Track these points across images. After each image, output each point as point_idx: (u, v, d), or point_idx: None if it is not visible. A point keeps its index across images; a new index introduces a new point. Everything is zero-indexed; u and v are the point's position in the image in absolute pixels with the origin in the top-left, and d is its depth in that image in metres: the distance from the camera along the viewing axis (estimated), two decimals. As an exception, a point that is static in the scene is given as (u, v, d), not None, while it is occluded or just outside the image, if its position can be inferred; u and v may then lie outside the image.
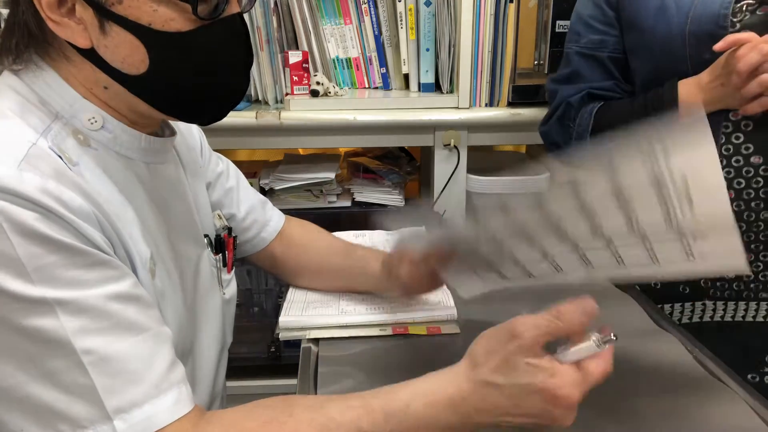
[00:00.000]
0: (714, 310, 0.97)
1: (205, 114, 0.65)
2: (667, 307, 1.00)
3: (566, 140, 1.04)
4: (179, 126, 0.77)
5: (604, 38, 0.99)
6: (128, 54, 0.57)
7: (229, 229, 0.85)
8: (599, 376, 0.53)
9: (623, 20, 0.96)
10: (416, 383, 0.57)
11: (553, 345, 0.55)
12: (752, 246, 0.91)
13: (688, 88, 0.88)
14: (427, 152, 1.57)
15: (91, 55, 0.57)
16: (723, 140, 0.88)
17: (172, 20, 0.56)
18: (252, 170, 1.54)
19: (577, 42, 1.02)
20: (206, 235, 0.78)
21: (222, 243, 0.82)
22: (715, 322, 0.97)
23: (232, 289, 0.84)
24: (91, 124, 0.59)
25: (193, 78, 0.60)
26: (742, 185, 0.88)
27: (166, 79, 0.59)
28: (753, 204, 0.89)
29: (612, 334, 0.54)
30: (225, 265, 0.82)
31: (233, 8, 0.61)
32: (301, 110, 1.37)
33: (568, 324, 0.53)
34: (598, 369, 0.53)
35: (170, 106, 0.62)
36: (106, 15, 0.55)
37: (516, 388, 0.53)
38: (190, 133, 0.83)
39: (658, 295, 0.98)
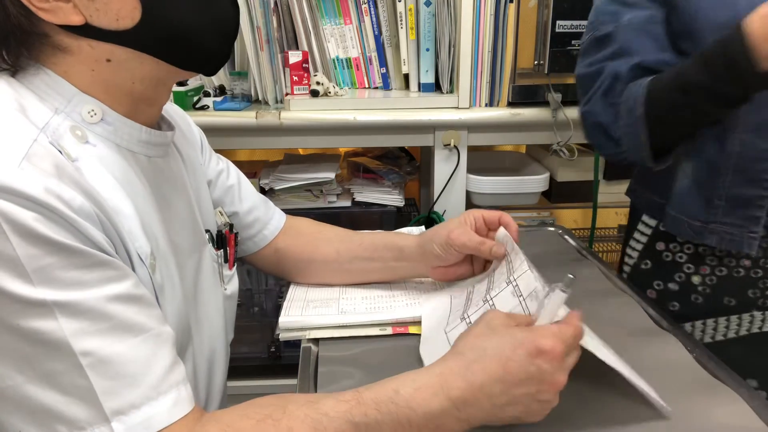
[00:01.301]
0: (763, 320, 0.93)
1: (210, 53, 0.65)
2: (710, 322, 0.94)
3: (613, 119, 0.89)
4: (178, 122, 0.77)
5: (653, 13, 0.87)
6: (120, 6, 0.57)
7: (231, 226, 0.85)
8: (574, 325, 0.59)
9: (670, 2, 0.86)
10: (407, 374, 0.59)
11: None
12: None
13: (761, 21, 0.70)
14: (427, 152, 1.57)
15: (86, 30, 0.57)
16: None
17: None
18: (252, 170, 1.54)
19: (617, 22, 0.88)
20: (207, 230, 0.79)
21: (223, 239, 0.82)
22: (764, 333, 0.93)
23: (233, 286, 0.84)
24: (91, 116, 0.59)
25: (186, 12, 0.60)
26: None
27: (162, 18, 0.58)
28: None
29: (570, 275, 0.57)
30: (226, 261, 0.82)
31: None
32: (301, 110, 1.37)
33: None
34: (572, 320, 0.59)
35: (174, 50, 0.61)
36: None
37: (500, 347, 0.56)
38: (190, 131, 0.84)
39: (699, 310, 0.94)
